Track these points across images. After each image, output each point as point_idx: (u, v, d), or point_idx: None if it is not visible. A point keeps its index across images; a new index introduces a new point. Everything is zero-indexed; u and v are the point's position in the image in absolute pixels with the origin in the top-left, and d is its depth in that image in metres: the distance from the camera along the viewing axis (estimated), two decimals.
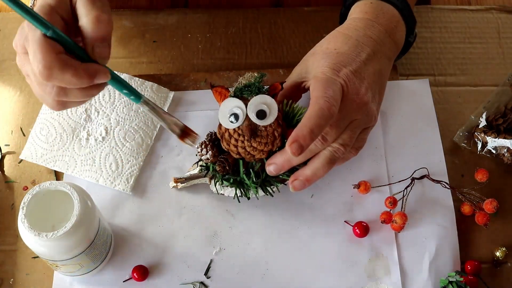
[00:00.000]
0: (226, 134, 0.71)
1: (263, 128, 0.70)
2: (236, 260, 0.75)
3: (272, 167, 0.70)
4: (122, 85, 0.61)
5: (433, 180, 0.78)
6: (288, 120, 0.73)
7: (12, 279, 0.74)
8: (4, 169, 0.80)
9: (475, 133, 0.81)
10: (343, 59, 0.71)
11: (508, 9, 0.92)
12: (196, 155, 0.73)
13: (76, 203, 0.64)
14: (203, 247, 0.76)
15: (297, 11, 0.92)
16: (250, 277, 0.74)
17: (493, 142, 0.80)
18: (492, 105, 0.83)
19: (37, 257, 0.74)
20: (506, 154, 0.79)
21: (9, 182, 0.79)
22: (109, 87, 0.83)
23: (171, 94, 0.83)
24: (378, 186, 0.78)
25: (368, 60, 0.73)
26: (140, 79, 0.84)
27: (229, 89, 0.71)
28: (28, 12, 0.56)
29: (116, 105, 0.82)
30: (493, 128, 0.81)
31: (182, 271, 0.74)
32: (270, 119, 0.69)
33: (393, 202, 0.75)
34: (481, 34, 0.91)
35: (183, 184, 0.77)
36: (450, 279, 0.72)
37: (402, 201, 0.76)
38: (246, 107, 0.69)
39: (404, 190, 0.76)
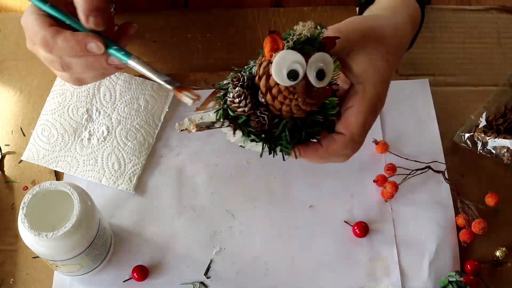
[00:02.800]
0: (275, 90, 0.62)
1: (316, 89, 0.62)
2: (236, 260, 0.75)
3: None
4: (112, 43, 0.63)
5: (435, 171, 0.77)
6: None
7: (12, 279, 0.74)
8: (4, 169, 0.80)
9: (475, 133, 0.81)
10: (388, 73, 0.66)
11: (508, 9, 0.92)
12: (224, 105, 0.64)
13: (76, 203, 0.64)
14: (203, 247, 0.76)
15: (297, 11, 0.92)
16: (250, 277, 0.74)
17: (493, 142, 0.80)
18: (492, 105, 0.83)
19: (37, 257, 0.74)
20: (506, 154, 0.79)
21: (9, 182, 0.79)
22: (109, 87, 0.83)
23: (172, 92, 0.83)
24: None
25: (393, 67, 0.68)
26: (141, 79, 0.84)
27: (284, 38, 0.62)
28: None
29: (117, 105, 0.82)
30: (493, 128, 0.81)
31: (182, 271, 0.74)
32: (326, 80, 0.62)
33: (391, 168, 0.74)
34: (481, 34, 0.91)
35: (197, 128, 0.66)
36: (450, 279, 0.72)
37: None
38: (306, 64, 0.60)
39: (409, 174, 0.77)
